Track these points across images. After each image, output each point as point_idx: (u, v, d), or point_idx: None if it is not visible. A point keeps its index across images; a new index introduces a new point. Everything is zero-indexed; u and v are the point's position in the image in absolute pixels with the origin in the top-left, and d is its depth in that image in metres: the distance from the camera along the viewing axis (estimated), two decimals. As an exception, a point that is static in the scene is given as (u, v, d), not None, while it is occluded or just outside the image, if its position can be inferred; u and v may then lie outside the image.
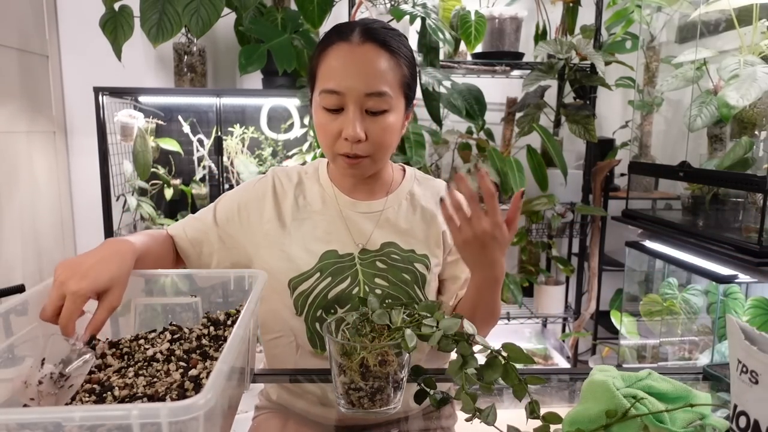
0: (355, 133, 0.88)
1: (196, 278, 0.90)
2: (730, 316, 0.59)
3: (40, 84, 2.23)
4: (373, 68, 0.88)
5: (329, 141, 0.92)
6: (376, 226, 1.00)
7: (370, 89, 0.88)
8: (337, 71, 0.89)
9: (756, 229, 1.46)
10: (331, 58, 0.90)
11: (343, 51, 0.89)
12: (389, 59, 0.90)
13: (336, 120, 0.90)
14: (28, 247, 2.14)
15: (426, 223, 1.03)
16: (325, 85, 0.89)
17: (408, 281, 0.98)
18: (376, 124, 0.90)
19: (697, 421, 0.65)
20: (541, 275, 2.52)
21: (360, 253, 0.99)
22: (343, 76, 0.88)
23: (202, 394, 0.46)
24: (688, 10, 1.90)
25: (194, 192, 2.27)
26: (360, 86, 0.87)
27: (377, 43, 0.89)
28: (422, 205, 1.04)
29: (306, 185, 1.05)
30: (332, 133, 0.91)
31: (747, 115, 1.57)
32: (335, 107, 0.90)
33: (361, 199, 1.02)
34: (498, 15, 2.25)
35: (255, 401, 1.13)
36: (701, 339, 1.66)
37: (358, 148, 0.90)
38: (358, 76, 0.88)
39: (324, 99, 0.90)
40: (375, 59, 0.89)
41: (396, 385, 0.72)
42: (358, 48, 0.89)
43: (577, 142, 2.39)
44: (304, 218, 1.01)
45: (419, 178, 1.08)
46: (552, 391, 0.95)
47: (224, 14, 1.78)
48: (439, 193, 1.06)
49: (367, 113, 0.90)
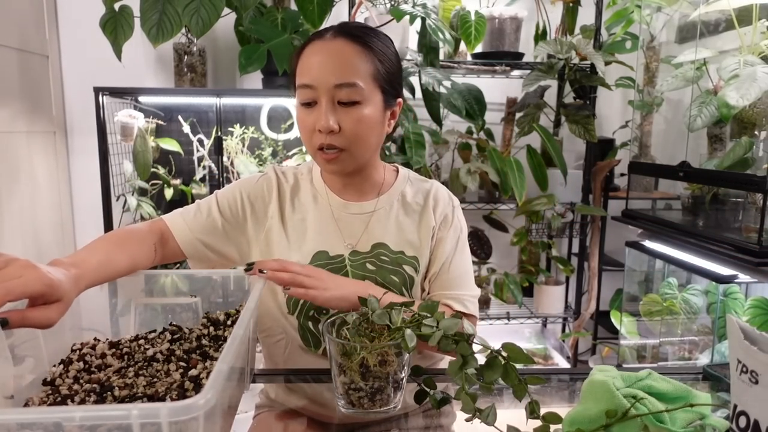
0: (327, 124, 0.89)
1: (195, 278, 0.90)
2: (730, 316, 0.59)
3: (40, 84, 2.23)
4: (342, 60, 0.90)
5: (307, 136, 0.94)
6: (367, 228, 1.01)
7: (339, 80, 0.89)
8: (310, 66, 0.91)
9: (756, 229, 1.46)
10: (306, 56, 0.93)
11: (317, 47, 0.92)
12: (360, 52, 0.91)
13: (311, 114, 0.92)
14: (28, 247, 2.14)
15: (416, 225, 1.03)
16: (300, 81, 0.92)
17: (396, 283, 0.99)
18: (349, 116, 0.91)
19: (697, 421, 0.65)
20: (541, 275, 2.52)
21: (350, 254, 1.00)
22: (314, 69, 0.91)
23: (202, 394, 0.46)
24: (688, 10, 1.90)
25: (194, 192, 2.27)
26: (330, 77, 0.89)
27: (349, 37, 0.92)
28: (413, 207, 1.04)
29: (300, 185, 1.06)
30: (309, 127, 0.93)
31: (747, 115, 1.57)
32: (309, 101, 0.92)
33: (352, 200, 1.03)
34: (498, 15, 2.25)
35: (255, 401, 1.13)
36: (701, 339, 1.66)
37: (333, 140, 0.91)
38: (327, 68, 0.90)
39: (300, 94, 0.93)
40: (345, 51, 0.91)
41: (396, 385, 0.72)
42: (330, 42, 0.92)
43: (577, 142, 2.39)
44: (298, 218, 1.02)
45: (412, 179, 1.08)
46: (552, 391, 0.95)
47: (224, 14, 1.78)
48: (429, 193, 1.06)
49: (340, 105, 0.91)
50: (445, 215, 1.04)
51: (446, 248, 1.02)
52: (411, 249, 1.01)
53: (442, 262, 1.02)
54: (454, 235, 1.04)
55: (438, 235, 1.03)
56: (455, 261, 1.03)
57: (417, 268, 1.01)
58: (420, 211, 1.04)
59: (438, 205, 1.04)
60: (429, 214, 1.03)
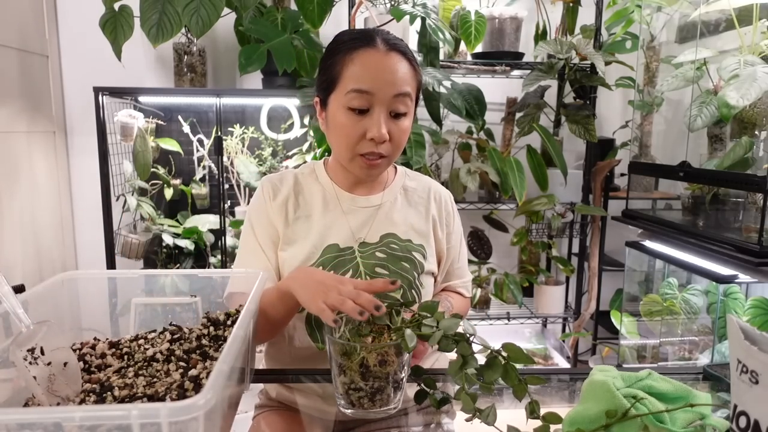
0: (381, 134, 0.94)
1: (195, 278, 0.90)
2: (731, 315, 0.59)
3: (40, 84, 2.23)
4: (401, 72, 0.95)
5: (352, 141, 0.96)
6: (375, 220, 1.05)
7: (398, 90, 0.94)
8: (369, 73, 0.94)
9: (756, 229, 1.46)
10: (360, 62, 0.95)
11: (373, 56, 0.95)
12: (409, 67, 0.97)
13: (361, 121, 0.95)
14: (28, 247, 2.14)
15: (420, 215, 1.09)
16: (356, 86, 0.94)
17: (407, 269, 1.03)
18: (397, 126, 0.96)
19: (697, 421, 0.65)
20: (541, 275, 2.52)
21: (360, 246, 1.03)
22: (374, 77, 0.94)
23: (202, 394, 0.46)
24: (688, 10, 1.90)
25: (194, 192, 2.27)
26: (390, 87, 0.94)
27: (400, 52, 0.97)
28: (416, 198, 1.11)
29: (303, 185, 1.08)
30: (356, 133, 0.95)
31: (747, 115, 1.57)
32: (362, 107, 0.94)
33: (361, 195, 1.07)
34: (498, 15, 2.25)
35: (255, 401, 1.13)
36: (701, 339, 1.66)
37: (382, 148, 0.96)
38: (388, 78, 0.94)
39: (353, 99, 0.94)
40: (401, 65, 0.96)
41: (396, 385, 0.72)
42: (387, 55, 0.95)
43: (577, 142, 2.39)
44: (304, 215, 1.05)
45: (410, 174, 1.15)
46: (552, 391, 0.95)
47: (224, 14, 1.77)
48: (430, 187, 1.13)
49: (390, 116, 0.95)
50: (448, 211, 1.13)
51: (456, 242, 1.13)
52: (418, 237, 1.07)
53: (453, 255, 1.13)
54: (458, 229, 1.15)
55: (447, 230, 1.12)
56: (462, 252, 1.16)
57: (425, 255, 1.06)
58: (423, 203, 1.10)
59: (441, 198, 1.13)
60: (432, 206, 1.10)
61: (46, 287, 0.75)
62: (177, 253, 2.26)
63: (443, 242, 1.11)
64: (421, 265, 1.04)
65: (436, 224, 1.10)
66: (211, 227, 2.22)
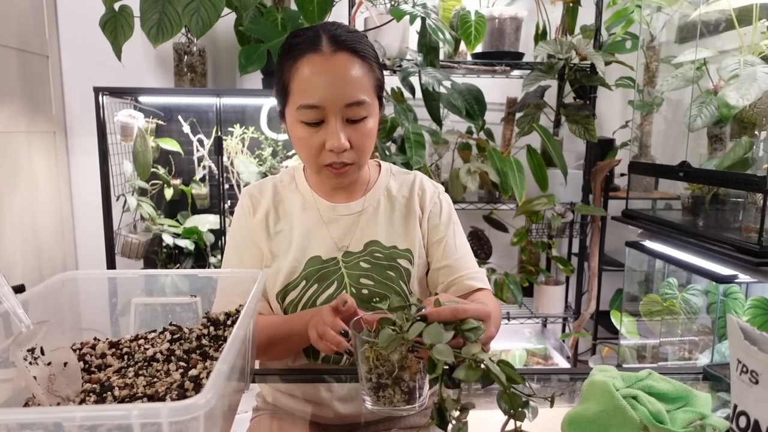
0: (339, 144, 0.89)
1: (195, 278, 0.90)
2: (731, 315, 0.59)
3: (40, 84, 2.23)
4: (349, 78, 0.88)
5: (312, 154, 0.92)
6: (357, 227, 1.02)
7: (349, 99, 0.88)
8: (314, 85, 0.88)
9: (756, 229, 1.46)
10: (305, 73, 0.89)
11: (317, 64, 0.88)
12: (362, 65, 0.90)
13: (317, 133, 0.90)
14: (28, 246, 2.14)
15: (404, 218, 1.04)
16: (303, 101, 0.89)
17: (393, 278, 0.99)
18: (358, 132, 0.91)
19: (697, 421, 0.65)
20: (541, 275, 2.52)
21: (343, 256, 1.00)
22: (320, 89, 0.88)
23: (202, 394, 0.46)
24: (688, 10, 1.90)
25: (194, 192, 2.27)
26: (339, 98, 0.88)
27: (348, 51, 0.89)
28: (399, 200, 1.05)
29: (283, 194, 1.05)
30: (315, 146, 0.91)
31: (747, 115, 1.57)
32: (315, 120, 0.90)
33: (341, 202, 1.03)
34: (498, 15, 2.25)
35: (252, 403, 1.13)
36: (701, 339, 1.66)
37: (344, 156, 0.91)
38: (335, 88, 0.88)
39: (303, 114, 0.90)
40: (349, 68, 0.89)
41: (422, 383, 0.71)
42: (331, 59, 0.88)
43: (577, 142, 2.39)
44: (285, 228, 1.02)
45: (394, 172, 1.09)
46: (552, 391, 0.95)
47: (224, 14, 1.77)
48: (413, 182, 1.06)
49: (347, 122, 0.90)
50: (434, 203, 1.05)
51: (443, 233, 1.04)
52: (403, 242, 1.02)
53: (443, 246, 1.03)
54: (447, 220, 1.05)
55: (431, 223, 1.04)
56: (457, 242, 1.04)
57: (412, 260, 1.01)
58: (406, 204, 1.04)
59: (425, 194, 1.05)
60: (415, 204, 1.04)
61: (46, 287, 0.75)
62: (177, 253, 2.26)
63: (429, 234, 1.04)
64: (408, 272, 1.00)
65: (421, 219, 1.04)
66: (211, 227, 2.22)
